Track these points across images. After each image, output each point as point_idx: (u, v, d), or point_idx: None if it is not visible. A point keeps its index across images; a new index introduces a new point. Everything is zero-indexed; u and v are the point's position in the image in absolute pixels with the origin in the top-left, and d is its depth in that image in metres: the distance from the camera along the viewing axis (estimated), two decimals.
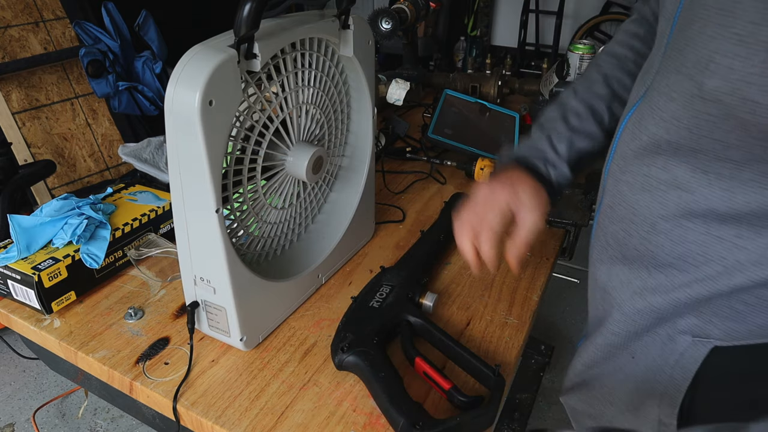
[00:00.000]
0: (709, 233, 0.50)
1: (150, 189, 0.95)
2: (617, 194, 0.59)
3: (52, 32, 2.06)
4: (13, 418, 1.72)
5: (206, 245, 0.62)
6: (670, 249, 0.53)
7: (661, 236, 0.54)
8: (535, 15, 3.55)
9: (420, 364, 0.65)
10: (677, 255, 0.53)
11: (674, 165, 0.51)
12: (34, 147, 1.97)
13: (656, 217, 0.54)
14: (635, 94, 0.59)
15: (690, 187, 0.50)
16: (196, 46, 0.55)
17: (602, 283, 0.63)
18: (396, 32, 1.27)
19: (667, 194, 0.52)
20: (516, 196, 0.62)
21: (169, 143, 0.57)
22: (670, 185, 0.52)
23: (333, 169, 0.83)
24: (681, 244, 0.52)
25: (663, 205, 0.53)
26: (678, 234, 0.52)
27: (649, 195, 0.54)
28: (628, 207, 0.57)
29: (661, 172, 0.52)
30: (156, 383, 0.66)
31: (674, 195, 0.51)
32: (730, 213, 0.48)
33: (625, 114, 0.59)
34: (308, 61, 0.68)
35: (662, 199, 0.53)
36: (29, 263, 0.74)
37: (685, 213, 0.51)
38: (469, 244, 0.63)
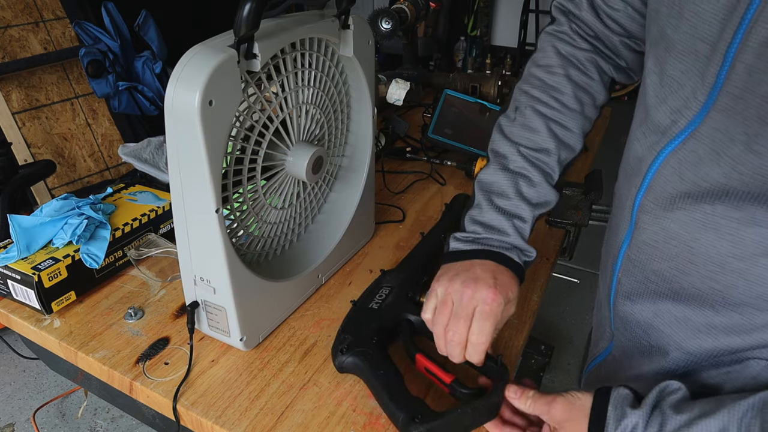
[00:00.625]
0: None
1: (150, 189, 0.95)
2: (663, 232, 0.54)
3: (52, 32, 2.06)
4: (13, 418, 1.72)
5: (206, 245, 0.62)
6: (745, 288, 0.49)
7: (733, 276, 0.49)
8: (535, 15, 3.55)
9: (421, 360, 0.64)
10: (755, 295, 0.49)
11: (747, 204, 0.46)
12: (34, 147, 1.97)
13: (726, 257, 0.49)
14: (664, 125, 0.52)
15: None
16: (196, 46, 0.55)
17: (646, 319, 0.60)
18: (396, 32, 1.27)
19: (740, 232, 0.47)
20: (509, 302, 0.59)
21: (169, 143, 0.57)
22: (744, 223, 0.47)
23: (333, 169, 0.83)
24: (760, 284, 0.48)
25: (735, 244, 0.48)
26: (757, 273, 0.48)
27: (714, 233, 0.49)
28: (682, 245, 0.52)
29: (731, 211, 0.47)
30: (156, 383, 0.66)
31: (750, 233, 0.47)
32: None
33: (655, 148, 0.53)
34: (308, 61, 0.68)
35: (734, 238, 0.48)
36: (29, 263, 0.74)
37: (766, 251, 0.47)
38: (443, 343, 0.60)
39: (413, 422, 0.56)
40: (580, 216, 0.95)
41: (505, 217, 0.63)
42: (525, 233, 0.64)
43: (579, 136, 0.67)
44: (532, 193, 0.64)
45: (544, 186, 0.65)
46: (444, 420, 0.56)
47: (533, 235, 0.94)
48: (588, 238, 1.75)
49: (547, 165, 0.65)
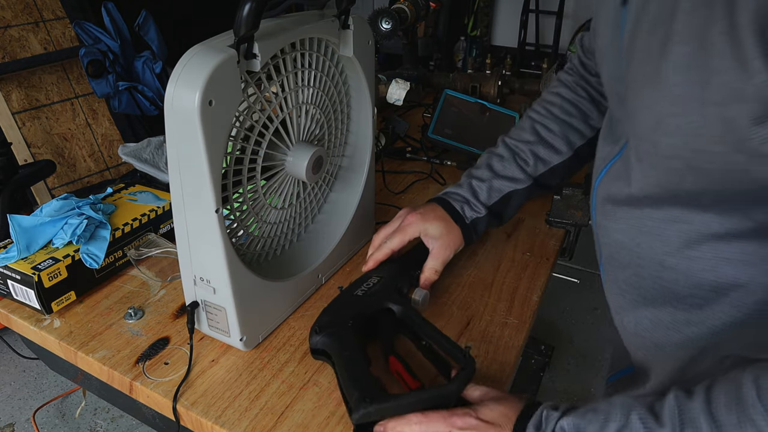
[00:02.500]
0: (716, 257, 0.50)
1: (150, 189, 0.95)
2: (613, 244, 0.60)
3: (52, 32, 2.06)
4: (13, 418, 1.72)
5: (206, 245, 0.62)
6: (684, 281, 0.53)
7: (672, 272, 0.54)
8: (535, 15, 3.55)
9: (393, 363, 0.66)
10: (693, 284, 0.53)
11: (664, 206, 0.52)
12: (34, 147, 1.97)
13: (661, 255, 0.54)
14: (605, 153, 0.62)
15: (687, 219, 0.51)
16: (196, 46, 0.55)
17: (633, 330, 0.62)
18: (396, 32, 1.27)
19: (666, 230, 0.53)
20: (425, 228, 0.74)
21: (169, 143, 0.57)
22: (667, 221, 0.52)
23: (333, 169, 0.83)
24: (693, 275, 0.52)
25: (665, 242, 0.53)
26: (686, 265, 0.52)
27: (648, 236, 0.55)
28: (630, 252, 0.58)
29: (654, 212, 0.53)
30: (156, 383, 0.66)
31: (674, 229, 0.52)
32: (730, 233, 0.49)
33: (597, 171, 0.63)
34: (308, 61, 0.68)
35: (662, 237, 0.53)
36: (29, 263, 0.74)
37: (689, 243, 0.51)
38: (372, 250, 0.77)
39: (364, 402, 0.55)
40: (580, 216, 0.95)
41: (467, 177, 0.79)
42: (479, 192, 0.77)
43: (561, 140, 0.78)
44: (498, 166, 0.78)
45: (512, 163, 0.77)
46: (396, 403, 0.55)
47: (533, 237, 0.94)
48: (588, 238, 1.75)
49: (521, 151, 0.78)
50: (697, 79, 0.41)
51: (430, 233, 0.74)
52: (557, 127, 0.78)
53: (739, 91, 0.39)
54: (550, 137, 0.78)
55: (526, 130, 0.79)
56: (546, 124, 0.78)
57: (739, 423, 0.40)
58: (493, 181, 0.77)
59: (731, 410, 0.41)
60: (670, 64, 0.42)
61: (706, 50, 0.39)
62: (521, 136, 0.79)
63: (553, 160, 0.78)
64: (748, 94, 0.38)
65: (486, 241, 0.93)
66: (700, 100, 0.41)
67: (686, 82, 0.42)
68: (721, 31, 0.38)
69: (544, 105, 0.80)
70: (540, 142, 0.78)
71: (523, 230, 0.97)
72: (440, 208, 0.76)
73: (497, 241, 0.93)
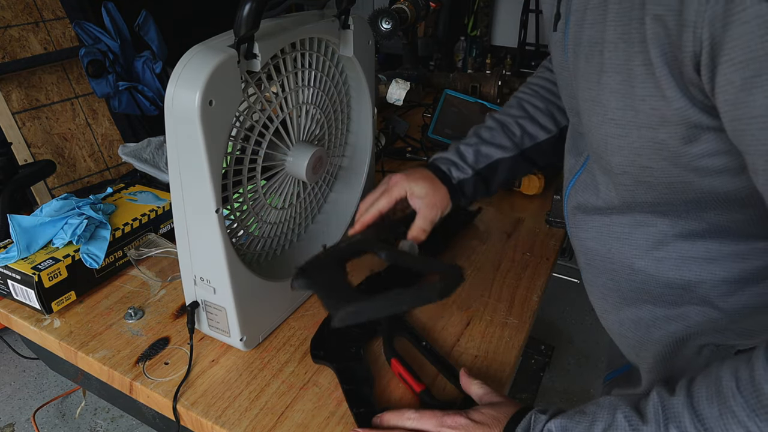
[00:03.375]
0: (681, 256, 0.53)
1: (150, 189, 0.95)
2: (588, 251, 0.63)
3: (52, 32, 2.06)
4: (13, 418, 1.72)
5: (206, 245, 0.62)
6: (655, 282, 0.56)
7: (642, 273, 0.57)
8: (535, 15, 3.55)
9: (395, 365, 0.66)
10: (664, 283, 0.55)
11: (628, 212, 0.55)
12: (34, 147, 1.97)
13: (631, 258, 0.57)
14: (570, 165, 0.65)
15: (651, 222, 0.54)
16: (196, 46, 0.55)
17: (617, 331, 0.64)
18: (396, 32, 1.27)
19: (633, 234, 0.56)
20: (410, 187, 0.72)
21: (169, 143, 0.57)
22: (632, 225, 0.56)
23: (333, 169, 0.83)
24: (662, 275, 0.55)
25: (633, 245, 0.56)
26: (655, 267, 0.55)
27: (617, 241, 0.58)
28: (603, 258, 0.60)
29: (621, 218, 0.56)
30: (156, 383, 0.66)
31: (640, 232, 0.55)
32: (692, 233, 0.52)
33: (566, 182, 0.66)
34: (308, 61, 0.68)
35: (630, 240, 0.56)
36: (29, 263, 0.74)
37: (655, 245, 0.54)
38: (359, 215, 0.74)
39: (342, 303, 0.53)
40: None
41: (454, 144, 0.79)
42: (466, 155, 0.77)
43: (548, 117, 0.79)
44: (486, 134, 0.79)
45: (499, 132, 0.78)
46: (374, 302, 0.53)
47: (533, 237, 0.94)
48: None
49: (509, 123, 0.79)
50: (629, 105, 0.45)
51: (416, 192, 0.72)
52: (543, 105, 0.79)
53: (663, 116, 0.43)
54: (536, 114, 0.79)
55: (513, 107, 0.81)
56: (533, 102, 0.80)
57: (721, 415, 0.41)
58: (481, 146, 0.77)
59: (713, 403, 0.42)
60: (606, 91, 0.46)
61: (632, 80, 0.43)
62: (508, 111, 0.80)
63: (539, 136, 0.79)
64: (671, 118, 0.42)
65: (486, 241, 0.93)
66: (634, 123, 0.45)
67: (621, 108, 0.46)
68: (640, 63, 0.42)
69: (530, 86, 0.82)
70: (527, 117, 0.79)
71: (523, 230, 0.97)
72: (426, 170, 0.76)
73: (497, 241, 0.93)
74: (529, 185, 1.06)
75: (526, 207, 1.02)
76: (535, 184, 1.05)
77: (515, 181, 1.04)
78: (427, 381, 0.66)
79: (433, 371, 0.68)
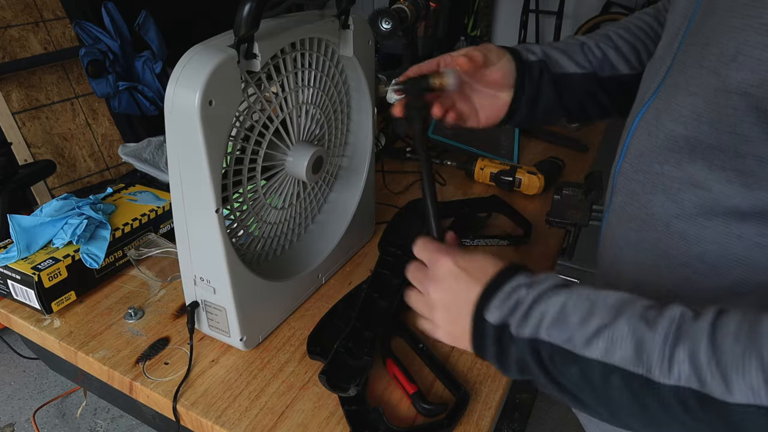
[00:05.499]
0: (728, 232, 0.47)
1: (150, 189, 0.95)
2: (629, 194, 0.56)
3: (52, 32, 2.06)
4: (13, 418, 1.72)
5: (206, 245, 0.62)
6: (685, 249, 0.51)
7: (676, 237, 0.51)
8: (535, 15, 3.55)
9: (390, 366, 0.67)
10: (694, 255, 0.50)
11: (689, 163, 0.49)
12: (34, 147, 1.97)
13: (671, 217, 0.51)
14: (645, 90, 0.57)
15: (707, 185, 0.48)
16: (196, 46, 0.55)
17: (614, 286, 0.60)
18: (396, 32, 1.27)
19: (682, 193, 0.50)
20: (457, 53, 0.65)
21: (169, 143, 0.57)
22: (685, 183, 0.49)
23: (333, 169, 0.83)
24: (698, 244, 0.50)
25: (678, 204, 0.50)
26: (694, 233, 0.50)
27: (663, 194, 0.52)
28: (641, 207, 0.55)
29: (675, 170, 0.50)
30: (156, 383, 0.66)
31: (690, 194, 0.49)
32: (752, 210, 0.46)
33: (636, 112, 0.58)
34: (308, 61, 0.68)
35: (677, 198, 0.50)
36: (29, 263, 0.74)
37: (703, 211, 0.49)
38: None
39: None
40: (580, 216, 0.95)
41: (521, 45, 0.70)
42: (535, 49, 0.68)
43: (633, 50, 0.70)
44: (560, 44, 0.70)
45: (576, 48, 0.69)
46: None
47: (533, 237, 0.94)
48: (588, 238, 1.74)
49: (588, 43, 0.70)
50: None
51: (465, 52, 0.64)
52: (631, 39, 0.70)
53: None
54: (622, 45, 0.70)
55: (597, 34, 0.72)
56: (620, 34, 0.70)
57: (743, 355, 0.35)
58: (553, 51, 0.68)
59: (738, 340, 0.36)
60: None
61: None
62: (591, 36, 0.71)
63: (620, 68, 0.70)
64: None
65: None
66: None
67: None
68: None
69: (622, 22, 0.73)
70: (611, 46, 0.70)
71: None
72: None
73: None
74: (529, 185, 1.06)
75: (526, 207, 1.02)
76: (535, 184, 1.05)
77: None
78: (424, 385, 0.66)
79: (429, 375, 0.68)
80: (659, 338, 0.38)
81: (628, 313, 0.40)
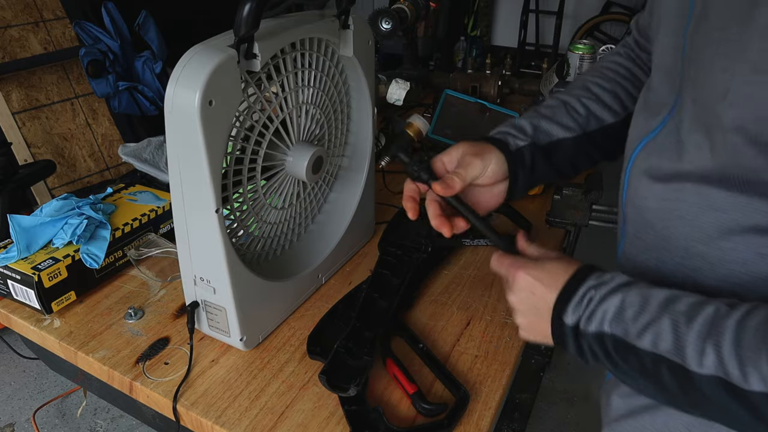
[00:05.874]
0: (750, 251, 0.47)
1: (150, 189, 0.95)
2: (642, 223, 0.57)
3: (52, 32, 2.06)
4: (13, 418, 1.72)
5: (206, 245, 0.62)
6: (709, 271, 0.51)
7: (698, 260, 0.51)
8: (535, 15, 3.55)
9: (390, 366, 0.67)
10: (719, 277, 0.50)
11: (705, 189, 0.49)
12: (34, 147, 1.97)
13: (690, 241, 0.51)
14: (644, 125, 0.58)
15: (726, 207, 0.48)
16: (196, 46, 0.55)
17: None
18: (396, 32, 1.27)
19: (700, 217, 0.50)
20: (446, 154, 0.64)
21: (169, 143, 0.57)
22: (703, 207, 0.49)
23: (333, 169, 0.83)
24: (722, 265, 0.49)
25: (698, 228, 0.50)
26: (717, 256, 0.49)
27: (679, 220, 0.52)
28: (657, 234, 0.55)
29: (691, 196, 0.50)
30: (156, 383, 0.66)
31: (710, 217, 0.49)
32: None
33: (634, 144, 0.59)
34: (308, 61, 0.68)
35: (696, 222, 0.50)
36: (29, 263, 0.74)
37: (724, 233, 0.48)
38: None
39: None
40: (580, 216, 0.95)
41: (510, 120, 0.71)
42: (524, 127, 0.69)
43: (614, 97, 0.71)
44: (546, 110, 0.70)
45: (560, 109, 0.70)
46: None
47: (534, 237, 0.94)
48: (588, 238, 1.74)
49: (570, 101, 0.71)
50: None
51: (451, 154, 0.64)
52: (610, 86, 0.71)
53: None
54: (603, 95, 0.71)
55: (576, 87, 0.73)
56: (598, 82, 0.72)
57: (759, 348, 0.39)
58: (540, 121, 0.68)
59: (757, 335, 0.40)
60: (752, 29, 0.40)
61: None
62: (571, 91, 0.72)
63: (605, 119, 0.70)
64: None
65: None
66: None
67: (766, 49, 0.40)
68: None
69: (597, 69, 0.74)
70: (592, 97, 0.70)
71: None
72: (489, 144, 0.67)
73: None
74: None
75: (526, 207, 1.02)
76: None
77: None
78: (424, 385, 0.66)
79: (429, 375, 0.68)
80: (694, 333, 0.42)
81: (672, 309, 0.45)
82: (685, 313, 0.45)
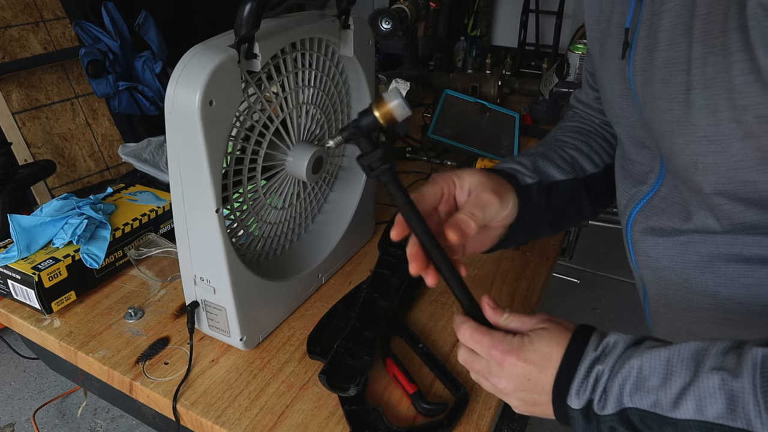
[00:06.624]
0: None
1: (150, 189, 0.95)
2: (661, 281, 0.57)
3: (52, 32, 2.06)
4: (13, 418, 1.72)
5: (206, 245, 0.62)
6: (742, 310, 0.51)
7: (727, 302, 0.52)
8: (535, 15, 3.55)
9: (390, 366, 0.67)
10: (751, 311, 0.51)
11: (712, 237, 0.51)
12: (34, 147, 1.97)
13: (714, 287, 0.52)
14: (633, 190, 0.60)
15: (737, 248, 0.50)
16: (196, 46, 0.55)
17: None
18: (396, 32, 1.27)
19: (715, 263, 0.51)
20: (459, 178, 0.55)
21: (169, 143, 0.57)
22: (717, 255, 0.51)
23: (333, 169, 0.83)
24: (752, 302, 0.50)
25: (719, 274, 0.51)
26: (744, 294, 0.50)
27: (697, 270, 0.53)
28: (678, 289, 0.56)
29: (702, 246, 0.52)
30: (156, 383, 0.66)
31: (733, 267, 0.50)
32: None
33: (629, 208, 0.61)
34: (308, 61, 0.68)
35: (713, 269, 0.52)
36: (29, 263, 0.74)
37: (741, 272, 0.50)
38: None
39: None
40: None
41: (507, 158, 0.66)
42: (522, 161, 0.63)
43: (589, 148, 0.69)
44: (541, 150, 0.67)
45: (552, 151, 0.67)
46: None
47: None
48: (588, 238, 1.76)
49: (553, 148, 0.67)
50: (729, 118, 0.42)
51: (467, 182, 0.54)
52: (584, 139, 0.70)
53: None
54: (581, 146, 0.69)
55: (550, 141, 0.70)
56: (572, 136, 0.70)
57: None
58: (538, 160, 0.63)
59: None
60: (695, 108, 0.44)
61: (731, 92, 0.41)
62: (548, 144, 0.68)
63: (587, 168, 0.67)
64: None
65: None
66: (735, 136, 0.42)
67: (714, 123, 0.43)
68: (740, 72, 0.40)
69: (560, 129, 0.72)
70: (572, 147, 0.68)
71: None
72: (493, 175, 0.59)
73: None
74: None
75: None
76: None
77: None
78: (423, 384, 0.66)
79: (429, 375, 0.68)
80: (748, 387, 0.37)
81: (708, 366, 0.39)
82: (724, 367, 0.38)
